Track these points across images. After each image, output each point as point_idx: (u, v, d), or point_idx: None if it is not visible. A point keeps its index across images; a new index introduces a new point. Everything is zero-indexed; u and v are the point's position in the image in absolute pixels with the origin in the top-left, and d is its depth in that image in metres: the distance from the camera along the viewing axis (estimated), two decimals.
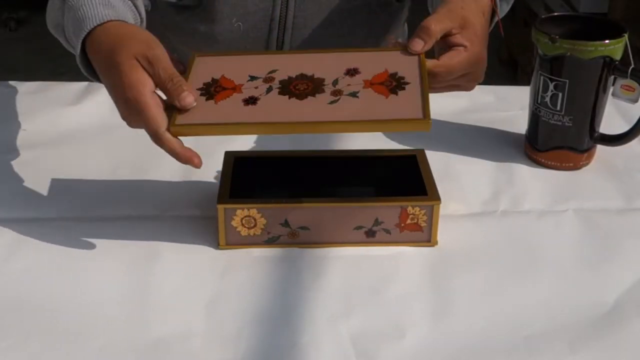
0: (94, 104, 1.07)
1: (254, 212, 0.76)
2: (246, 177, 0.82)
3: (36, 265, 0.76)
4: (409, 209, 0.76)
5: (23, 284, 0.74)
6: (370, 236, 0.78)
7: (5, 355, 0.66)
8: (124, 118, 0.75)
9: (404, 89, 0.72)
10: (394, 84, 0.72)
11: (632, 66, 0.88)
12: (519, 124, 1.02)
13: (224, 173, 0.81)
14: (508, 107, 1.09)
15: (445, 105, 1.04)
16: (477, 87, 0.92)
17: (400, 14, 1.13)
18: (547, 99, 0.92)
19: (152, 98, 0.72)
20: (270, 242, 0.78)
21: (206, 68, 0.76)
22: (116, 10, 0.78)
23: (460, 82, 0.82)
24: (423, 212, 0.77)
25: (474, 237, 0.82)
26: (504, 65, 3.30)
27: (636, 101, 0.91)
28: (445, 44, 0.81)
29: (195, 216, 0.84)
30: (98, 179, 0.90)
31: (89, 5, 0.77)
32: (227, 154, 0.84)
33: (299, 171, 0.85)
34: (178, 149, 0.71)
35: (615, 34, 0.89)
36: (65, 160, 0.94)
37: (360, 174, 0.86)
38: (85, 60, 0.79)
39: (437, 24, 0.79)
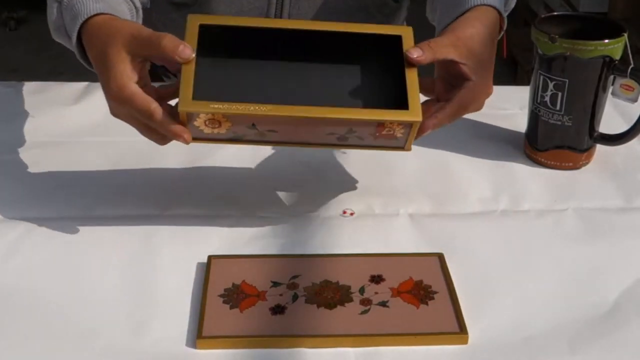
0: (94, 104, 1.07)
1: (219, 116, 0.71)
2: (212, 57, 0.75)
3: (36, 265, 0.76)
4: (386, 123, 0.73)
5: (23, 284, 0.74)
6: (342, 140, 0.76)
7: (6, 355, 0.66)
8: (114, 114, 0.76)
9: (433, 298, 0.71)
10: (421, 292, 0.72)
11: (632, 66, 0.88)
12: (519, 123, 1.02)
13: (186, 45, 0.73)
14: (508, 106, 1.09)
15: None
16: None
17: (397, 14, 1.12)
18: (547, 99, 0.92)
19: (137, 87, 0.73)
20: (236, 140, 0.75)
21: (223, 272, 0.74)
22: (107, 2, 0.79)
23: (463, 113, 0.80)
24: (401, 126, 0.74)
25: (473, 237, 0.82)
26: (503, 64, 3.30)
27: (635, 100, 0.91)
28: (448, 70, 0.79)
29: (195, 215, 0.84)
30: (98, 179, 0.90)
31: (81, 3, 0.78)
32: (192, 19, 0.75)
33: (274, 46, 0.77)
34: (174, 126, 0.72)
35: (615, 34, 0.89)
36: (65, 160, 0.94)
37: (341, 51, 0.79)
38: (85, 55, 0.80)
39: (440, 47, 0.76)
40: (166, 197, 0.87)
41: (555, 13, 0.98)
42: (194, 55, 0.72)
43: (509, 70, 3.20)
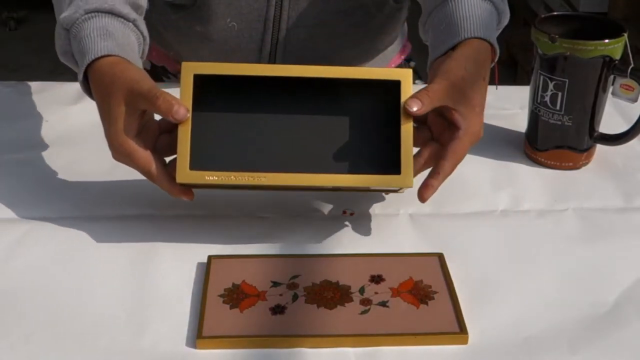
0: (94, 104, 1.06)
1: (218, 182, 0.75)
2: (207, 111, 0.76)
3: (36, 265, 0.76)
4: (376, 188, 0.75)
5: (23, 284, 0.74)
6: (337, 190, 0.77)
7: (7, 355, 0.66)
8: (116, 160, 0.78)
9: (433, 298, 0.72)
10: (421, 292, 0.72)
11: (632, 66, 0.88)
12: (519, 123, 1.02)
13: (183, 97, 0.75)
14: (508, 106, 1.09)
15: None
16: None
17: (397, 14, 1.12)
18: (547, 99, 0.92)
19: (137, 142, 0.76)
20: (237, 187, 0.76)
21: (223, 272, 0.75)
22: (115, 39, 0.79)
23: (457, 163, 0.79)
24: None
25: (473, 237, 0.82)
26: (503, 64, 3.30)
27: (635, 100, 0.91)
28: (440, 115, 0.79)
29: (195, 216, 0.84)
30: (97, 179, 0.90)
31: (89, 38, 0.79)
32: (186, 69, 0.75)
33: (269, 93, 0.78)
34: (171, 187, 0.76)
35: (614, 34, 0.89)
36: (65, 160, 0.94)
37: (336, 97, 0.78)
38: (87, 87, 0.81)
39: (437, 94, 0.76)
40: (166, 197, 0.87)
41: (555, 13, 0.98)
42: (189, 115, 0.74)
43: (509, 70, 3.19)
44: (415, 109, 0.74)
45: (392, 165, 0.75)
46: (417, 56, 1.24)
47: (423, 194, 0.77)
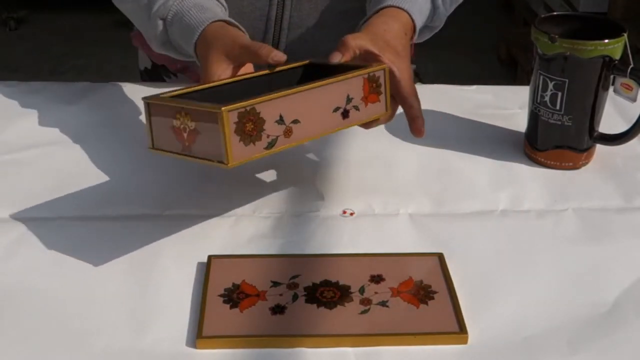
0: (94, 104, 1.07)
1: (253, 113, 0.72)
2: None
3: (36, 265, 0.76)
4: (369, 74, 0.79)
5: (23, 284, 0.74)
6: (345, 117, 0.78)
7: (7, 355, 0.66)
8: None
9: (433, 298, 0.72)
10: (421, 292, 0.72)
11: (632, 65, 0.88)
12: (519, 123, 1.02)
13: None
14: (507, 106, 1.09)
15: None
16: (477, 87, 0.91)
17: None
18: (547, 99, 0.92)
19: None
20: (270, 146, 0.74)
21: (223, 272, 0.75)
22: (211, 10, 0.91)
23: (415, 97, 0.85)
24: (378, 76, 0.80)
25: (473, 237, 0.82)
26: (503, 64, 3.30)
27: (635, 100, 0.91)
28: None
29: (195, 215, 0.84)
30: (98, 179, 0.90)
31: (189, 15, 0.90)
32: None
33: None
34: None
35: (614, 34, 0.89)
36: (65, 160, 0.94)
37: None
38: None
39: (354, 40, 0.83)
40: (166, 197, 0.87)
41: (555, 13, 0.98)
42: (285, 57, 0.81)
43: (509, 70, 3.20)
44: (336, 59, 0.82)
45: None
46: (416, 58, 1.24)
47: (419, 128, 0.85)
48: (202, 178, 0.90)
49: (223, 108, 0.68)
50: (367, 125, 0.83)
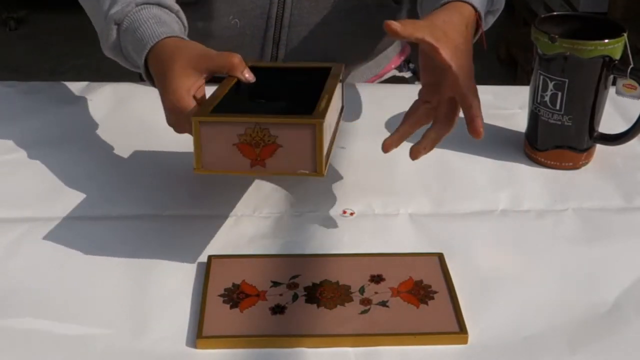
0: (94, 104, 1.07)
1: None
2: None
3: (36, 265, 0.76)
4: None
5: (23, 284, 0.74)
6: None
7: (6, 355, 0.66)
8: (170, 124, 0.80)
9: (433, 298, 0.72)
10: (421, 292, 0.72)
11: (632, 66, 0.88)
12: (519, 123, 1.02)
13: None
14: (507, 106, 1.09)
15: None
16: (476, 87, 0.90)
17: (397, 15, 1.13)
18: (547, 99, 0.92)
19: (193, 101, 0.77)
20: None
21: (223, 272, 0.74)
22: (168, 26, 0.86)
23: (456, 110, 0.82)
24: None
25: (473, 237, 0.82)
26: (503, 64, 3.30)
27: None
28: (428, 60, 0.81)
29: (195, 216, 0.84)
30: (98, 179, 0.90)
31: (146, 26, 0.85)
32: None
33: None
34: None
35: (614, 34, 0.89)
36: (65, 160, 0.94)
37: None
38: (147, 73, 0.85)
39: (413, 23, 0.78)
40: (166, 197, 0.87)
41: (555, 13, 0.98)
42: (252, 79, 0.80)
43: (509, 70, 3.20)
44: (392, 27, 0.76)
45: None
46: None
47: (478, 129, 0.78)
48: (202, 178, 0.90)
49: (319, 119, 0.69)
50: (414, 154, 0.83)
